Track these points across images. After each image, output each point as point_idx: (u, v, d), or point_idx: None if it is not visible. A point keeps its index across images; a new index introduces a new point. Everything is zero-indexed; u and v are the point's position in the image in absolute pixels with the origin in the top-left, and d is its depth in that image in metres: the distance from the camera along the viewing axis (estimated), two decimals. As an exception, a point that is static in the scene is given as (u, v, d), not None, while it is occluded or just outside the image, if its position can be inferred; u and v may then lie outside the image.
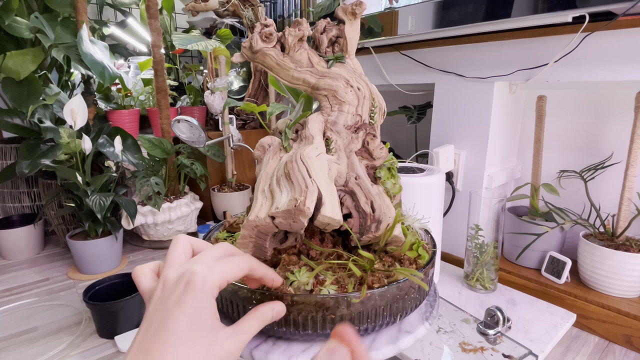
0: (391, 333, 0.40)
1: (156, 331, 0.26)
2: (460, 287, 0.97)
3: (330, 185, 0.37)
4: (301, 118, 0.44)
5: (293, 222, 0.34)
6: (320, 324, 0.36)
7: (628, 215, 0.91)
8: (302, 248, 0.42)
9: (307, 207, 0.33)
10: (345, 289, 0.37)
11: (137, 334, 0.28)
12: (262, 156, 0.43)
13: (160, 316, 0.27)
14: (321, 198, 0.34)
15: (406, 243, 0.40)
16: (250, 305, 0.36)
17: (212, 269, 0.29)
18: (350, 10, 0.44)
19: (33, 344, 0.92)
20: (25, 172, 1.16)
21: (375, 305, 0.36)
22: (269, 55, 0.42)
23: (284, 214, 0.34)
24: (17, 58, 1.25)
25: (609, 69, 0.84)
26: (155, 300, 0.28)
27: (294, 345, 0.38)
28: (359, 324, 0.36)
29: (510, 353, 0.71)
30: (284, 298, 0.35)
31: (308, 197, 0.33)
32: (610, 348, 0.87)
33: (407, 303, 0.39)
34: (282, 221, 0.34)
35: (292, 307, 0.35)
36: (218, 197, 1.54)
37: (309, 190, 0.34)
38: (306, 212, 0.33)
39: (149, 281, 0.31)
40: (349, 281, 0.38)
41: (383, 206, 0.41)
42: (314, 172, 0.36)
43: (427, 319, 0.42)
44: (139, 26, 1.81)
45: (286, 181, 0.37)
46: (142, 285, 0.31)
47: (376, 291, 0.36)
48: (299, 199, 0.33)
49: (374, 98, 0.46)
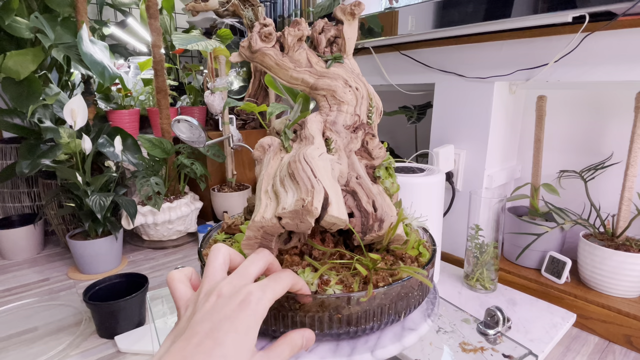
0: (395, 331, 0.40)
1: (202, 341, 0.26)
2: (460, 287, 0.97)
3: (335, 185, 0.37)
4: (300, 118, 0.44)
5: (300, 223, 0.34)
6: (327, 324, 0.36)
7: (628, 215, 0.91)
8: (304, 248, 0.42)
9: (315, 207, 0.33)
10: (351, 289, 0.37)
11: (174, 339, 0.28)
12: (262, 157, 0.43)
13: (208, 327, 0.27)
14: (327, 198, 0.34)
15: (410, 241, 0.41)
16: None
17: (265, 290, 0.29)
18: (349, 10, 0.43)
19: (33, 344, 0.92)
20: (25, 172, 1.16)
21: (381, 303, 0.36)
22: (268, 55, 0.42)
23: (291, 214, 0.34)
24: (17, 58, 1.25)
25: (609, 69, 0.84)
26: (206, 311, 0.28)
27: None
28: (365, 322, 0.36)
29: (510, 353, 0.71)
30: (294, 298, 0.35)
31: (315, 197, 0.33)
32: (610, 348, 0.87)
33: (411, 301, 0.39)
34: (289, 222, 0.34)
35: (299, 307, 0.35)
36: (218, 197, 1.54)
37: (315, 190, 0.34)
38: (314, 212, 0.33)
39: (185, 288, 0.32)
40: (353, 280, 0.38)
41: (384, 205, 0.41)
42: (318, 172, 0.36)
43: (429, 316, 0.42)
44: (139, 26, 1.81)
45: (291, 181, 0.37)
46: (178, 291, 0.31)
47: (381, 290, 0.36)
48: (307, 199, 0.33)
49: (372, 98, 0.46)
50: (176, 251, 1.45)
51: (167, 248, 1.47)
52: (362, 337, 0.39)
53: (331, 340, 0.38)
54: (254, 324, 0.28)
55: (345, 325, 0.36)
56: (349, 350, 0.37)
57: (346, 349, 0.38)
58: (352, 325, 0.36)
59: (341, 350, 0.37)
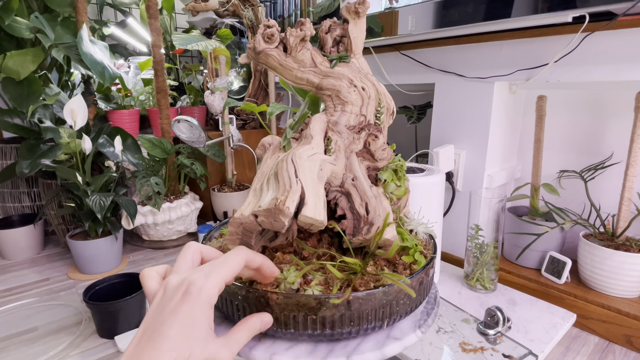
0: (379, 338, 0.39)
1: (151, 336, 0.27)
2: (460, 287, 0.97)
3: (317, 186, 0.37)
4: (304, 117, 0.44)
5: (274, 221, 0.34)
6: (302, 323, 0.36)
7: (628, 215, 0.91)
8: (298, 248, 0.42)
9: (287, 207, 0.33)
10: (329, 290, 0.37)
11: (134, 337, 0.28)
12: (263, 155, 0.43)
13: (156, 321, 0.28)
14: (304, 198, 0.34)
15: (393, 247, 0.40)
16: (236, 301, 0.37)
17: (208, 276, 0.30)
18: (353, 9, 0.43)
19: (33, 344, 0.92)
20: (25, 172, 1.16)
21: (360, 309, 0.36)
22: (272, 55, 0.42)
23: (265, 212, 0.34)
24: (17, 58, 1.25)
25: (609, 69, 0.85)
26: (155, 305, 0.29)
27: (278, 343, 0.38)
28: (341, 326, 0.36)
29: (510, 353, 0.71)
30: (268, 296, 0.35)
31: (289, 197, 0.34)
32: (610, 348, 0.87)
33: (396, 309, 0.38)
34: (264, 220, 0.35)
35: (276, 305, 0.35)
36: (218, 197, 1.53)
37: (291, 190, 0.34)
38: (285, 212, 0.33)
39: (155, 284, 0.32)
40: (336, 283, 0.38)
41: (379, 208, 0.40)
42: (301, 172, 0.36)
43: (420, 327, 0.41)
44: (139, 26, 1.80)
45: (274, 180, 0.37)
46: (148, 288, 0.32)
47: (360, 294, 0.35)
48: (280, 199, 0.34)
49: (381, 98, 0.46)
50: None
51: (167, 248, 1.47)
52: (342, 341, 0.38)
53: (309, 340, 0.38)
54: (199, 313, 0.28)
55: (321, 327, 0.36)
56: (325, 352, 0.37)
57: (323, 351, 0.37)
58: (327, 328, 0.36)
59: (318, 352, 0.37)
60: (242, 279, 0.39)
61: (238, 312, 0.38)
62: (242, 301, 0.37)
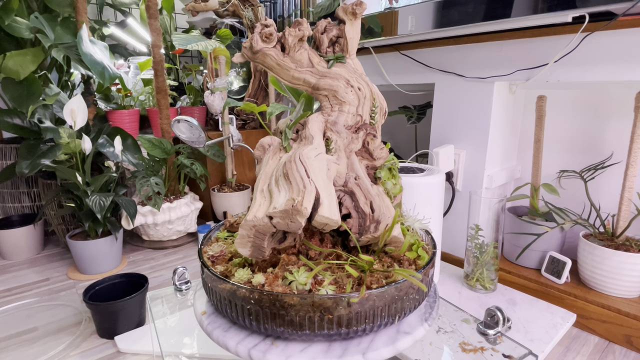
0: (390, 334, 0.40)
1: None
2: (460, 287, 0.97)
3: (328, 186, 0.37)
4: (301, 118, 0.44)
5: (290, 222, 0.34)
6: (317, 324, 0.35)
7: (628, 215, 0.91)
8: (302, 248, 0.42)
9: (305, 207, 0.33)
10: (344, 290, 0.37)
11: None
12: (262, 156, 0.43)
13: None
14: (319, 198, 0.34)
15: (405, 244, 0.40)
16: (248, 305, 0.36)
17: None
18: (350, 10, 0.43)
19: (33, 344, 0.92)
20: (25, 172, 1.16)
21: (374, 305, 0.36)
22: (269, 55, 0.42)
23: (282, 214, 0.34)
24: (17, 58, 1.25)
25: (609, 69, 0.84)
26: None
27: (292, 345, 0.38)
28: (357, 324, 0.36)
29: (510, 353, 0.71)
30: (283, 299, 0.35)
31: (306, 197, 0.33)
32: (610, 348, 0.87)
33: (406, 304, 0.38)
34: (279, 221, 0.34)
35: (290, 307, 0.35)
36: (218, 197, 1.53)
37: (306, 190, 0.34)
38: (303, 213, 0.33)
39: None
40: (347, 282, 0.37)
41: (382, 206, 0.40)
42: (312, 172, 0.36)
43: (427, 320, 0.42)
44: (139, 26, 1.80)
45: (285, 181, 0.37)
46: None
47: (374, 292, 0.36)
48: (297, 199, 0.33)
49: (375, 98, 0.46)
50: (176, 251, 1.45)
51: (167, 248, 1.47)
52: (355, 338, 0.39)
53: (323, 341, 0.38)
54: None
55: (337, 327, 0.36)
56: (340, 351, 0.37)
57: (338, 350, 0.37)
58: (343, 327, 0.36)
59: (333, 352, 0.37)
60: (253, 283, 0.38)
61: (250, 316, 0.37)
62: (255, 305, 0.36)
